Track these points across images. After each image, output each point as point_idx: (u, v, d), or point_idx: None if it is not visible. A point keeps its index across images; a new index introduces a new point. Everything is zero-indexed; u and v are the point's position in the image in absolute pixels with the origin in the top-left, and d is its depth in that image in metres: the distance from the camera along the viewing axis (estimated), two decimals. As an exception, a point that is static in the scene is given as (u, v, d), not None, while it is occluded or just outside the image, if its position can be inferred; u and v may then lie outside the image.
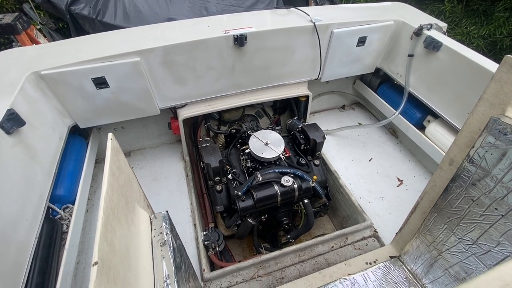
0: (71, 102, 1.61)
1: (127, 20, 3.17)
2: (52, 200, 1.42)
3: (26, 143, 1.27)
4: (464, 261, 1.20)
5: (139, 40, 1.65)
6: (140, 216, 0.96)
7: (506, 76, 0.91)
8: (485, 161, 1.00)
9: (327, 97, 2.58)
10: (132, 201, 0.94)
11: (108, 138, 0.86)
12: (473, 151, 1.03)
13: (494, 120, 0.94)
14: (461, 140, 1.10)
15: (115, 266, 0.66)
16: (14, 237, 1.08)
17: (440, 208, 1.24)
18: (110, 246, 0.67)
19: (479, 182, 1.05)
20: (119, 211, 0.79)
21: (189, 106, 1.95)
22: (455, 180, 1.13)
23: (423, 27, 1.80)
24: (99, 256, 0.60)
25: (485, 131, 0.97)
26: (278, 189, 1.60)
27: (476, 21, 2.98)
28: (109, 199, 0.74)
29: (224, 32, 1.66)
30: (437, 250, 1.32)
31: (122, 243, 0.75)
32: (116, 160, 0.86)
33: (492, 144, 0.96)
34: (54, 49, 1.65)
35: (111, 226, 0.71)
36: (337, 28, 1.85)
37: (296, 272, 1.53)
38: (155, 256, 0.88)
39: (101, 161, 2.14)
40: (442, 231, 1.27)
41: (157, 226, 0.97)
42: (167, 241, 0.91)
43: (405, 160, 2.14)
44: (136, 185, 1.03)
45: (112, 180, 0.78)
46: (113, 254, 0.67)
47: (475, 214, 1.10)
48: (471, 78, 1.61)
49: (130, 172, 0.99)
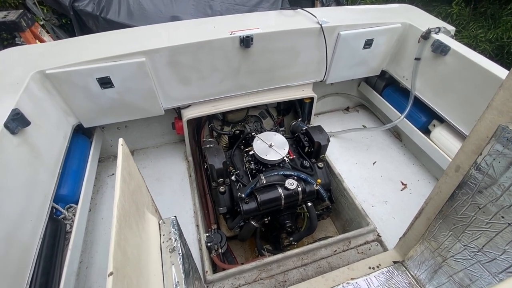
0: (76, 102, 1.60)
1: (131, 17, 3.15)
2: (56, 200, 1.42)
3: (31, 143, 1.26)
4: (469, 268, 1.19)
5: (144, 40, 1.64)
6: (149, 221, 0.96)
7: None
8: (493, 169, 0.99)
9: (331, 98, 2.57)
10: (142, 206, 0.93)
11: (119, 144, 0.85)
12: (480, 158, 1.02)
13: (502, 128, 0.93)
14: (468, 147, 1.09)
15: (128, 274, 0.66)
16: (18, 237, 1.08)
17: (445, 214, 1.23)
18: (123, 255, 0.66)
19: (486, 190, 1.04)
20: (131, 218, 0.78)
21: (193, 107, 1.94)
22: (461, 187, 1.12)
23: (431, 31, 1.78)
24: (114, 266, 0.59)
25: (493, 139, 0.96)
26: (282, 192, 1.59)
27: (483, 25, 2.95)
28: (122, 207, 0.73)
29: (230, 33, 1.64)
30: (441, 257, 1.31)
31: (134, 250, 0.75)
32: (127, 166, 0.85)
33: (500, 152, 0.95)
34: (59, 48, 1.64)
35: (124, 234, 0.70)
36: (344, 30, 1.83)
37: (299, 276, 1.53)
38: (164, 262, 0.88)
39: (104, 160, 2.13)
40: (447, 237, 1.26)
41: (166, 232, 0.96)
42: (176, 247, 0.90)
43: (409, 164, 2.13)
44: (145, 190, 1.02)
45: (124, 187, 0.78)
46: (126, 263, 0.66)
47: (481, 221, 1.09)
48: (479, 83, 1.60)
49: (139, 177, 0.98)
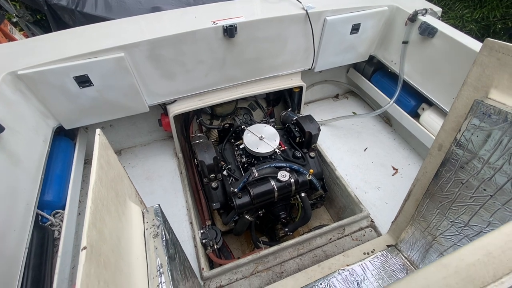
0: (54, 103, 1.52)
1: (109, 10, 3.00)
2: (41, 207, 1.36)
3: (7, 150, 1.19)
4: (457, 243, 1.23)
5: (122, 33, 1.56)
6: (131, 209, 0.95)
7: (487, 59, 0.92)
8: (472, 144, 1.02)
9: (320, 86, 2.54)
10: (122, 195, 0.92)
11: (96, 134, 0.85)
12: (459, 134, 1.04)
13: (477, 102, 0.95)
14: (448, 125, 1.11)
15: (105, 253, 0.67)
16: (2, 249, 1.03)
17: (432, 193, 1.26)
18: (99, 234, 0.67)
19: (467, 165, 1.06)
20: (109, 202, 0.79)
21: (179, 102, 1.88)
22: (444, 165, 1.15)
23: (418, 13, 1.75)
24: (88, 242, 0.61)
25: (470, 114, 0.99)
26: (274, 185, 1.58)
27: (469, 4, 2.93)
28: (98, 190, 0.74)
29: (213, 23, 1.58)
30: (431, 235, 1.34)
31: (113, 233, 0.76)
32: (104, 154, 0.84)
33: (477, 126, 0.98)
34: (31, 46, 1.54)
35: (100, 215, 0.71)
36: (330, 16, 1.79)
37: (296, 266, 1.54)
38: (148, 248, 0.88)
39: (91, 161, 2.06)
40: (435, 216, 1.29)
41: (149, 220, 0.96)
42: (159, 233, 0.91)
43: (399, 149, 2.14)
44: (127, 181, 1.00)
45: (100, 173, 0.78)
46: (102, 242, 0.68)
47: (465, 196, 1.11)
48: (466, 64, 1.59)
49: (120, 168, 0.96)
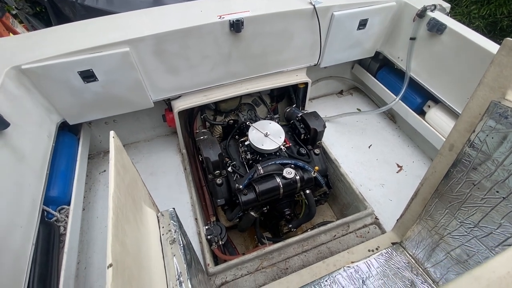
0: (58, 98, 1.51)
1: (111, 3, 2.95)
2: (46, 203, 1.36)
3: (12, 146, 1.18)
4: (465, 244, 1.22)
5: (127, 28, 1.53)
6: (147, 214, 0.95)
7: (506, 59, 0.90)
8: (486, 145, 1.00)
9: (324, 82, 2.51)
10: (138, 200, 0.91)
11: (110, 137, 0.83)
12: (473, 135, 1.03)
13: (494, 104, 0.94)
14: (461, 125, 1.09)
15: (129, 266, 0.65)
16: (9, 246, 1.03)
17: (441, 193, 1.25)
18: (122, 246, 0.65)
19: (480, 166, 1.05)
20: (128, 211, 0.77)
21: (184, 97, 1.86)
22: (455, 165, 1.13)
23: (426, 8, 1.72)
24: (113, 258, 0.58)
25: (485, 115, 0.97)
26: (280, 181, 1.58)
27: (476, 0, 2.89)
28: (117, 199, 0.71)
29: (219, 17, 1.55)
30: (438, 235, 1.34)
31: (134, 242, 0.74)
32: (120, 158, 0.83)
33: (493, 128, 0.96)
34: (35, 40, 1.52)
35: (121, 226, 0.69)
36: (337, 11, 1.76)
37: (300, 262, 1.55)
38: (166, 254, 0.87)
39: (94, 156, 2.06)
40: (443, 215, 1.28)
41: (165, 224, 0.95)
42: (177, 238, 0.90)
43: (404, 146, 2.13)
44: (140, 184, 0.99)
45: (118, 180, 0.76)
46: (126, 255, 0.66)
47: (476, 197, 1.11)
48: (476, 62, 1.57)
49: (134, 170, 0.95)
